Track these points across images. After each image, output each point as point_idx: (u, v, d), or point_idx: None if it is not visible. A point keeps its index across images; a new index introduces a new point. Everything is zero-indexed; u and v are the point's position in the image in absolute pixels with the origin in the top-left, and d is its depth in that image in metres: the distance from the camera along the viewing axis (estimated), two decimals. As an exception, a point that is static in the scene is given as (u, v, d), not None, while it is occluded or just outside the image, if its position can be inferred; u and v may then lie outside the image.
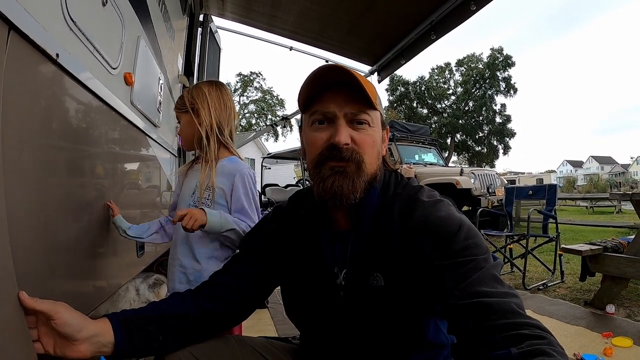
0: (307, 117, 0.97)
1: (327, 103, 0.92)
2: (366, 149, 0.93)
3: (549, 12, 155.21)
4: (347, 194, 0.90)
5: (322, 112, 0.92)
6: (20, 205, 0.92)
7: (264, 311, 3.12)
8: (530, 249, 4.26)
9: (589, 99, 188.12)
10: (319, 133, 0.93)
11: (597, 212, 15.71)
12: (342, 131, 0.90)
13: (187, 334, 0.97)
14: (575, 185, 43.31)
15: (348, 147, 0.90)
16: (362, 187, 0.92)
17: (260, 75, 40.92)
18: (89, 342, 0.83)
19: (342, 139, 0.89)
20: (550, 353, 0.64)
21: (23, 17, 0.85)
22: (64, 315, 0.80)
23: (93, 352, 0.84)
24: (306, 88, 0.93)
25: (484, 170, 8.97)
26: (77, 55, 1.19)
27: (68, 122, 1.21)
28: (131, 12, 1.73)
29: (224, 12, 4.45)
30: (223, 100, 1.56)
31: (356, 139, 0.92)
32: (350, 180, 0.90)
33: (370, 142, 0.94)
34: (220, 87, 1.59)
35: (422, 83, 36.18)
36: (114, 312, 0.93)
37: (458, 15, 3.35)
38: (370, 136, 0.94)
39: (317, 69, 0.91)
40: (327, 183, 0.91)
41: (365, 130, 0.93)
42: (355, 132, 0.92)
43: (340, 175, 0.90)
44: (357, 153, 0.91)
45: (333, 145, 0.90)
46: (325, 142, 0.92)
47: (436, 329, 0.98)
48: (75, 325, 0.81)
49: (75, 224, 1.28)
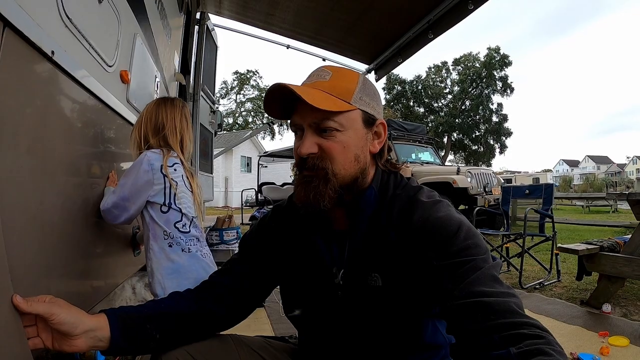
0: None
1: (294, 115, 0.94)
2: (334, 156, 0.92)
3: (547, 13, 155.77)
4: (314, 202, 0.91)
5: (293, 124, 0.96)
6: (15, 204, 0.91)
7: (261, 310, 3.11)
8: (527, 248, 4.26)
9: (586, 99, 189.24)
10: (296, 142, 0.96)
11: (594, 211, 15.75)
12: (304, 142, 0.92)
13: (185, 333, 0.97)
14: (571, 184, 43.54)
15: (313, 157, 0.92)
16: (331, 193, 0.92)
17: (257, 74, 41.04)
18: (86, 337, 0.84)
19: (303, 150, 0.91)
20: (549, 352, 0.63)
21: (18, 14, 0.85)
22: (60, 316, 0.80)
23: (89, 346, 0.85)
24: (265, 102, 0.96)
25: (481, 169, 8.97)
26: (72, 53, 1.18)
27: (63, 120, 1.20)
28: (127, 10, 1.72)
29: (221, 10, 4.44)
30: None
31: (324, 147, 0.92)
32: (315, 188, 0.91)
33: (339, 148, 0.92)
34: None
35: (419, 82, 36.21)
36: (112, 308, 0.93)
37: (455, 14, 3.35)
38: (338, 142, 0.92)
39: (271, 87, 0.91)
40: (298, 192, 0.94)
41: (333, 137, 0.92)
42: (323, 140, 0.92)
43: (307, 185, 0.92)
44: (323, 161, 0.92)
45: (299, 156, 0.93)
46: (296, 151, 0.95)
47: (434, 330, 0.98)
48: (72, 323, 0.82)
49: (72, 223, 1.27)
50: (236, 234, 3.76)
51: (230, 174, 24.46)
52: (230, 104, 40.47)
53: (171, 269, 1.46)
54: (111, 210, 1.48)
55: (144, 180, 1.47)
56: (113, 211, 1.48)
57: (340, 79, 0.94)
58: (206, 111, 4.65)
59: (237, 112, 40.43)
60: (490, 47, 34.04)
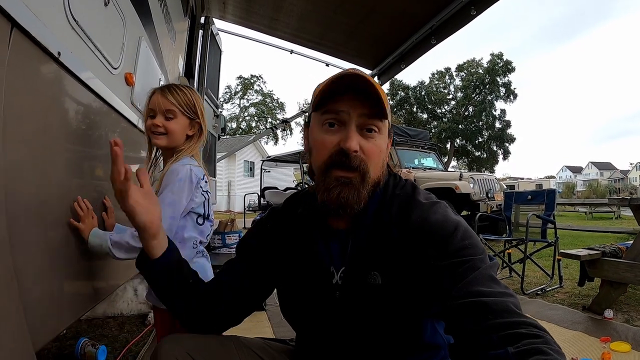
0: (319, 116, 0.95)
1: (342, 104, 0.91)
2: (373, 159, 0.93)
3: (550, 20, 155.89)
4: (352, 205, 0.91)
5: (336, 111, 0.91)
6: (20, 204, 0.92)
7: (262, 313, 3.12)
8: (529, 253, 4.25)
9: (589, 106, 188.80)
10: (329, 136, 0.92)
11: (596, 217, 15.70)
12: (353, 137, 0.90)
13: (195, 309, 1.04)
14: (574, 191, 43.34)
15: (357, 155, 0.90)
16: (366, 196, 0.92)
17: (261, 79, 41.18)
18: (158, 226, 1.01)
19: (353, 145, 0.89)
20: (547, 352, 0.64)
21: (26, 14, 0.86)
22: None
23: (155, 233, 1.00)
24: (325, 86, 0.92)
25: (483, 175, 8.96)
26: (78, 54, 1.19)
27: (68, 121, 1.22)
28: (133, 13, 1.74)
29: (225, 15, 4.47)
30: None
31: (364, 148, 0.91)
32: (355, 191, 0.91)
33: (377, 152, 0.94)
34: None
35: (422, 88, 36.31)
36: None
37: (458, 19, 3.38)
38: (377, 145, 0.93)
39: (341, 72, 0.91)
40: (332, 194, 0.91)
41: (373, 139, 0.93)
42: (364, 140, 0.91)
43: (345, 187, 0.90)
44: (364, 162, 0.91)
45: (342, 151, 0.90)
46: (335, 146, 0.91)
47: (433, 330, 0.99)
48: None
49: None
50: (238, 238, 3.77)
51: (233, 178, 24.51)
52: (233, 108, 40.65)
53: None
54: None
55: (185, 199, 1.36)
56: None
57: (381, 89, 0.94)
58: (210, 115, 4.67)
59: (240, 117, 40.55)
60: (493, 53, 34.14)
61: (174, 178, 1.34)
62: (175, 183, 1.33)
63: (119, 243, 1.27)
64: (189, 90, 1.48)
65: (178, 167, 1.37)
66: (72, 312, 1.25)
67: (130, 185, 0.95)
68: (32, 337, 0.87)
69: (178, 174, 1.34)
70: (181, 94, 1.44)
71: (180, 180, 1.34)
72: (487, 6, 3.14)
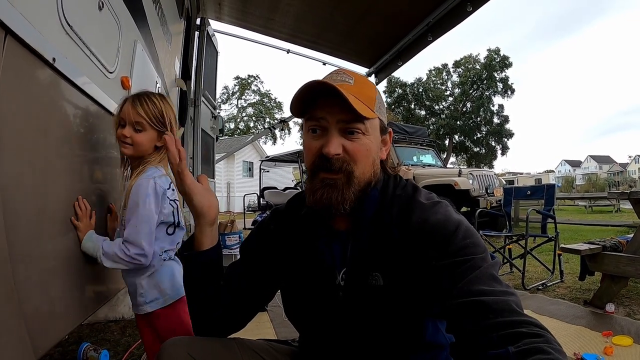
0: (305, 122, 0.97)
1: (321, 111, 0.92)
2: (358, 159, 0.93)
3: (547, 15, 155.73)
4: (336, 205, 0.92)
5: (317, 118, 0.93)
6: (18, 210, 0.92)
7: (264, 314, 3.11)
8: (529, 249, 4.25)
9: (587, 99, 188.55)
10: (314, 141, 0.94)
11: (596, 211, 15.70)
12: (333, 142, 0.90)
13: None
14: (573, 184, 43.31)
15: (338, 158, 0.91)
16: (352, 197, 0.93)
17: (258, 79, 41.08)
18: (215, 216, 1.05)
19: (332, 150, 0.90)
20: (548, 351, 0.64)
21: (19, 21, 0.86)
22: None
23: (211, 221, 1.04)
24: (298, 96, 0.93)
25: (482, 171, 8.96)
26: (73, 60, 1.19)
27: (65, 126, 1.21)
28: (128, 16, 1.73)
29: (221, 16, 4.46)
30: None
31: (349, 149, 0.92)
32: (339, 192, 0.92)
33: (364, 152, 0.94)
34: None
35: (420, 85, 36.27)
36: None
37: (454, 16, 3.37)
38: (363, 145, 0.93)
39: (310, 82, 0.90)
40: (317, 195, 0.93)
41: (358, 140, 0.93)
42: (348, 142, 0.92)
43: (329, 188, 0.92)
44: (348, 164, 0.92)
45: (323, 155, 0.91)
46: (318, 150, 0.93)
47: (435, 330, 0.98)
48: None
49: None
50: (238, 239, 3.77)
51: (232, 179, 24.50)
52: (231, 109, 40.57)
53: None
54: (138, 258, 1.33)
55: (156, 212, 1.38)
56: (140, 259, 1.34)
57: (363, 86, 0.95)
58: (207, 116, 4.67)
59: (238, 117, 40.49)
60: (490, 49, 34.10)
61: (141, 193, 1.37)
62: (144, 199, 1.36)
63: (108, 254, 1.32)
64: (160, 100, 1.47)
65: (142, 181, 1.39)
66: (73, 317, 1.25)
67: (185, 166, 1.01)
68: (33, 344, 0.87)
69: (145, 189, 1.37)
70: (151, 106, 1.43)
71: (148, 195, 1.37)
72: (483, 2, 3.13)
